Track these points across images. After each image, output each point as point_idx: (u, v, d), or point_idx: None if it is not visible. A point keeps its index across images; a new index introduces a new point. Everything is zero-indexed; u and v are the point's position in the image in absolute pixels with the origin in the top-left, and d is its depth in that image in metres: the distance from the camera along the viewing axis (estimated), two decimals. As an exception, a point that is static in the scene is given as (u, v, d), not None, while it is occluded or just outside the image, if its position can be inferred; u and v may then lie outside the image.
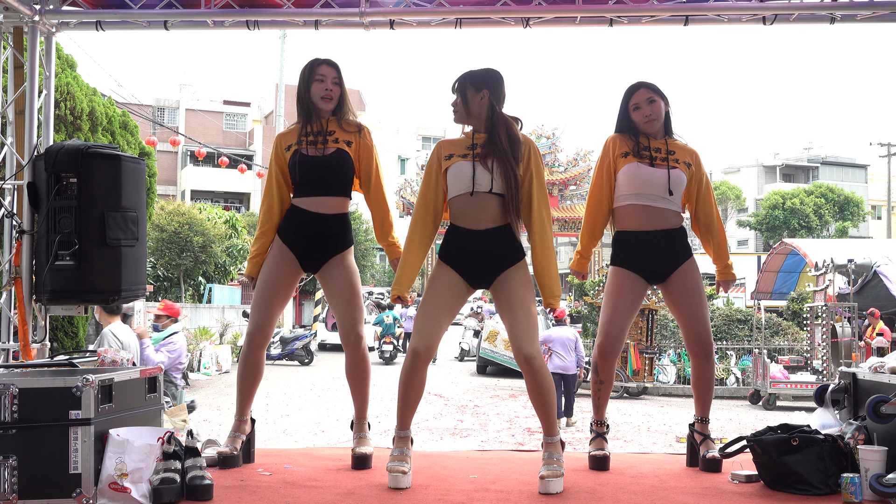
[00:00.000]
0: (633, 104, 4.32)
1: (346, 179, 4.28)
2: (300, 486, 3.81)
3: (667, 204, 4.26)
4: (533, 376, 3.81)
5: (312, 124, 4.25)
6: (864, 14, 5.46)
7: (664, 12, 5.50)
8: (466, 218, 3.89)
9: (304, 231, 4.22)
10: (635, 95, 4.33)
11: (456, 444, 9.24)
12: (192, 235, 22.54)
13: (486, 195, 3.84)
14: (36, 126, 5.53)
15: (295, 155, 4.21)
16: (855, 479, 3.60)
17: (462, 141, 3.98)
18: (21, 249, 5.32)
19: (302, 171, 4.19)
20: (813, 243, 22.22)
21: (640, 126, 4.31)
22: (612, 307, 4.31)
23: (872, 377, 4.14)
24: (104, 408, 3.55)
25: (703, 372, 4.36)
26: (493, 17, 5.58)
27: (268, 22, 5.70)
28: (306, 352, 20.57)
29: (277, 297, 4.25)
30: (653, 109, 4.29)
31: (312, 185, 4.22)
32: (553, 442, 3.88)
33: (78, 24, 5.77)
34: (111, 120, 11.22)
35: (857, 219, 48.14)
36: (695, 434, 4.42)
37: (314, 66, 4.27)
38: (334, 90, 4.26)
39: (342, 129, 4.28)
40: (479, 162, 3.86)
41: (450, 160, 3.91)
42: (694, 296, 4.30)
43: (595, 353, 4.37)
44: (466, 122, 4.00)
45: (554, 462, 3.80)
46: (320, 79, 4.24)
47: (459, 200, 3.90)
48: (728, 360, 16.84)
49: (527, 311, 3.85)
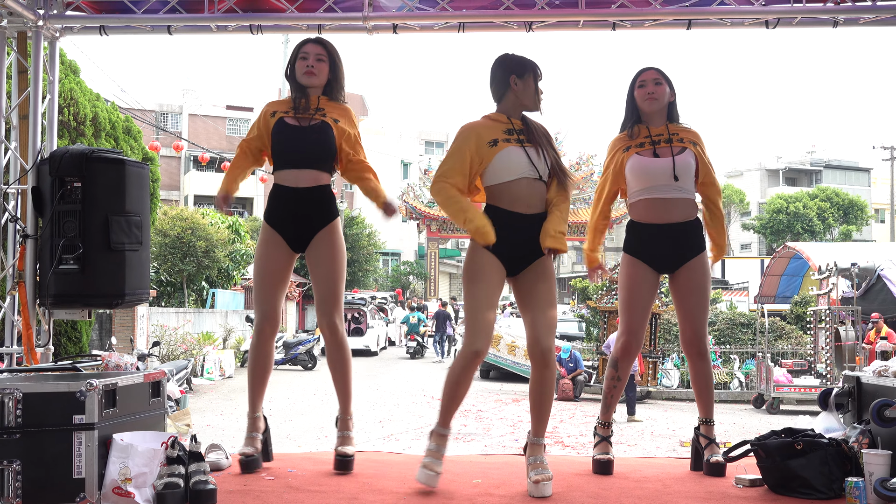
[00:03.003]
0: (640, 81, 4.33)
1: (325, 153, 4.18)
2: (304, 490, 3.80)
3: (678, 193, 4.21)
4: (543, 371, 3.79)
5: (301, 99, 4.23)
6: (866, 17, 5.46)
7: (667, 16, 5.51)
8: (522, 203, 3.84)
9: (287, 209, 4.15)
10: (644, 74, 4.34)
11: (459, 449, 9.22)
12: (195, 240, 22.54)
13: (538, 181, 3.86)
14: (40, 131, 5.54)
15: (279, 123, 4.17)
16: (859, 483, 3.59)
17: (493, 126, 3.90)
18: (25, 253, 5.33)
19: (281, 139, 4.15)
20: (816, 247, 22.20)
21: (640, 103, 4.32)
22: (631, 303, 4.29)
23: (876, 381, 4.13)
24: (108, 412, 3.55)
25: (699, 370, 4.33)
26: (497, 21, 5.59)
27: (271, 26, 5.72)
28: (309, 356, 20.56)
29: (276, 284, 4.19)
30: (657, 89, 4.28)
31: (290, 156, 4.15)
32: (540, 444, 3.86)
33: (81, 28, 5.79)
34: (114, 125, 11.25)
35: (860, 222, 48.08)
36: (700, 437, 4.40)
37: (300, 46, 4.27)
38: (317, 66, 4.20)
39: (331, 106, 4.26)
40: (531, 147, 3.86)
41: (496, 146, 3.83)
42: (696, 294, 4.27)
43: (618, 349, 4.33)
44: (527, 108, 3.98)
45: (540, 465, 3.78)
46: (304, 56, 4.22)
47: (515, 185, 3.83)
48: (732, 364, 16.82)
49: (553, 305, 3.86)
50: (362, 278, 38.64)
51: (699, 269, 4.28)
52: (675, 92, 4.36)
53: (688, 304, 4.29)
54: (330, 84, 4.28)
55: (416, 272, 44.86)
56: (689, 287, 4.28)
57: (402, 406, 13.50)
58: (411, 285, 43.96)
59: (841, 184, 53.33)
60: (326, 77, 4.26)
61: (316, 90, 4.26)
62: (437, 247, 39.53)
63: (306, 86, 4.24)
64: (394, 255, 48.65)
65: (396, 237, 47.88)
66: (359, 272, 38.31)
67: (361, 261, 38.33)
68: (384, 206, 4.24)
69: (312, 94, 4.25)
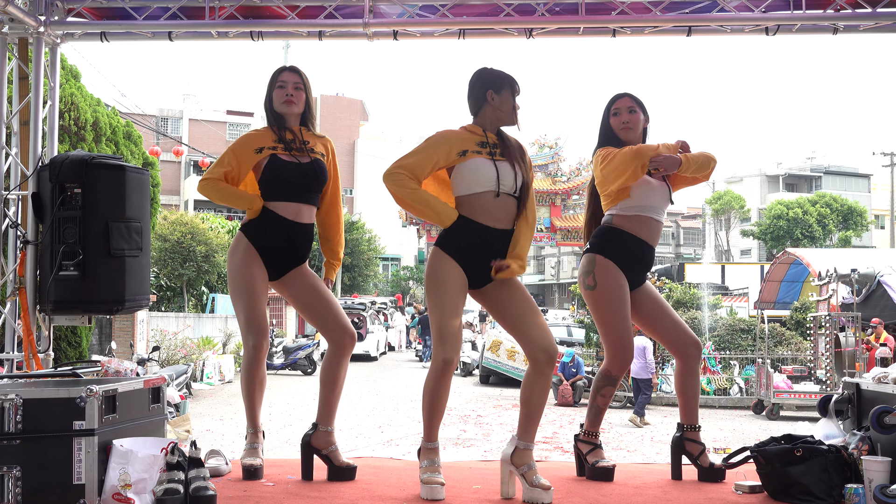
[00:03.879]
0: (615, 109, 4.36)
1: (320, 191, 4.27)
2: (303, 496, 3.80)
3: (663, 217, 4.36)
4: (544, 376, 3.78)
5: (285, 131, 4.21)
6: (866, 24, 5.47)
7: (667, 23, 5.52)
8: (488, 216, 3.81)
9: (280, 238, 4.13)
10: (618, 101, 4.37)
11: (459, 455, 9.22)
12: (194, 245, 22.56)
13: (508, 196, 3.84)
14: (40, 137, 5.55)
15: (271, 159, 4.11)
16: (859, 490, 3.59)
17: (468, 137, 3.88)
18: (25, 260, 5.34)
19: (281, 175, 4.11)
20: (816, 253, 22.20)
21: (616, 131, 4.34)
22: (618, 313, 4.22)
23: (876, 387, 4.14)
24: (108, 418, 3.56)
25: (695, 372, 4.31)
26: (497, 27, 5.60)
27: (272, 33, 5.73)
28: (309, 361, 20.55)
29: (261, 300, 4.14)
30: (631, 118, 4.31)
31: (289, 192, 4.13)
32: (531, 449, 3.83)
33: (83, 35, 5.80)
34: (115, 130, 11.25)
35: (860, 228, 48.07)
36: (685, 443, 4.35)
37: (277, 74, 4.26)
38: (296, 94, 4.20)
39: (316, 139, 4.28)
40: (502, 162, 3.85)
41: (464, 156, 3.82)
42: (664, 302, 4.39)
43: (612, 364, 4.28)
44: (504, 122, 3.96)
45: (536, 472, 3.76)
46: (281, 85, 4.21)
47: (482, 198, 3.81)
48: (731, 370, 16.81)
49: (538, 310, 3.88)
50: (362, 283, 38.66)
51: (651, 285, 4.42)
52: (649, 118, 4.40)
53: (665, 310, 4.33)
54: (305, 114, 4.28)
55: (416, 277, 44.84)
56: (657, 298, 4.35)
57: (401, 411, 13.49)
58: (411, 290, 43.94)
59: (841, 190, 53.34)
60: (303, 105, 4.25)
61: (294, 119, 4.26)
62: (436, 252, 39.46)
63: (284, 114, 4.22)
64: (393, 260, 48.67)
65: (396, 242, 47.91)
66: (358, 277, 38.32)
67: (361, 266, 38.34)
68: (332, 266, 4.39)
69: (292, 123, 4.25)
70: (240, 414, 12.22)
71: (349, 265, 37.49)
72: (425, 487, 3.74)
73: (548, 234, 37.39)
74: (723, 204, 50.92)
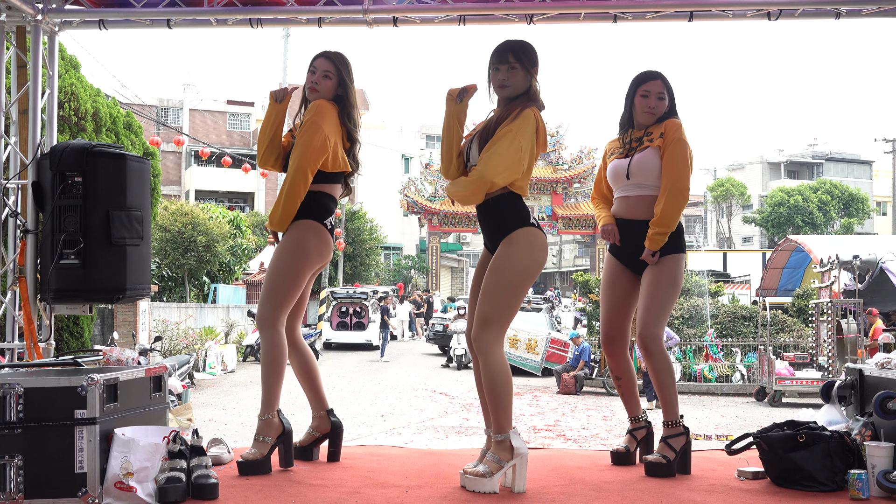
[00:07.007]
0: (644, 90, 4.28)
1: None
2: (305, 484, 3.80)
3: (640, 190, 4.24)
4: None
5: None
6: (869, 9, 5.43)
7: (668, 8, 5.49)
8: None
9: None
10: (650, 83, 4.28)
11: (461, 443, 9.23)
12: (195, 235, 22.56)
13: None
14: (39, 125, 5.52)
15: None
16: (862, 476, 3.58)
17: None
18: (25, 249, 5.32)
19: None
20: (818, 240, 22.17)
21: (638, 112, 4.31)
22: (606, 300, 4.43)
23: (879, 373, 4.13)
24: (109, 407, 3.55)
25: (648, 367, 4.29)
26: (497, 13, 5.57)
27: (271, 20, 5.69)
28: (312, 351, 20.59)
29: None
30: (658, 105, 4.27)
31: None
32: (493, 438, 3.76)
33: (81, 23, 5.77)
34: (115, 120, 11.23)
35: (862, 215, 48.06)
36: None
37: (313, 58, 4.27)
38: (320, 83, 4.19)
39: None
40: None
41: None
42: (648, 288, 4.20)
43: (602, 349, 4.38)
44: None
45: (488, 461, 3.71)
46: (312, 70, 4.23)
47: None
48: (734, 357, 16.81)
49: (485, 295, 3.81)
50: (364, 273, 38.64)
51: (660, 265, 4.20)
52: (674, 102, 4.33)
53: (640, 298, 4.29)
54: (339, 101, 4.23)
55: (418, 266, 44.84)
56: (645, 282, 4.25)
57: (404, 400, 13.50)
58: (413, 279, 43.94)
59: (842, 177, 53.29)
60: (330, 94, 4.21)
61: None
62: (438, 241, 39.51)
63: (310, 101, 4.22)
64: (395, 249, 48.62)
65: (398, 231, 47.85)
66: (360, 266, 38.30)
67: (363, 255, 38.31)
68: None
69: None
70: (242, 403, 12.23)
71: (350, 254, 37.46)
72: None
73: (549, 223, 37.36)
74: (724, 191, 50.89)
